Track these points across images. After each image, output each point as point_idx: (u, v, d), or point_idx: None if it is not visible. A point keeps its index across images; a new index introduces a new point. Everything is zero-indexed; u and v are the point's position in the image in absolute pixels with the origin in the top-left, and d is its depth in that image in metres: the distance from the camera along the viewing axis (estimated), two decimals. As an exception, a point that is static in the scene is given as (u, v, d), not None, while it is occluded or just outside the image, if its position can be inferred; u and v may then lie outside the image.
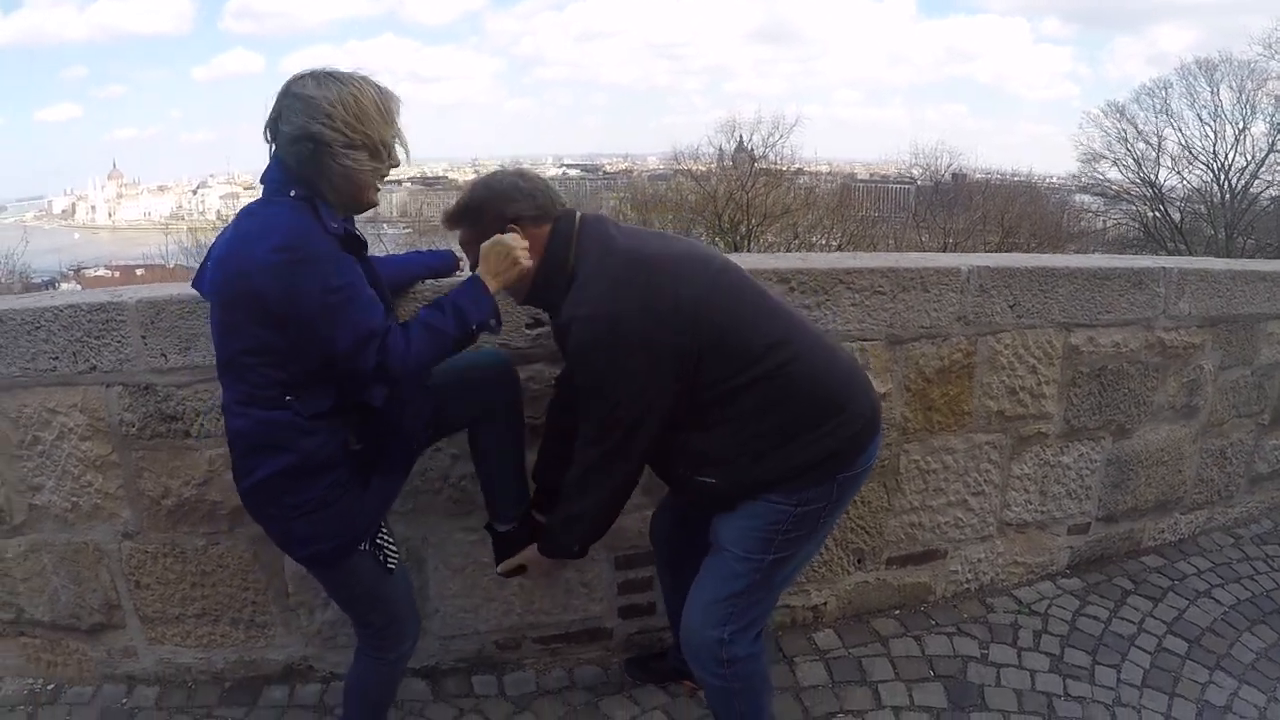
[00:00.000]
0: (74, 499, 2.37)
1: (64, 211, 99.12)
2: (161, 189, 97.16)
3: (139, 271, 35.68)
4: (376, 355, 1.60)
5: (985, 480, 2.87)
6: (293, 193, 1.62)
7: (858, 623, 2.82)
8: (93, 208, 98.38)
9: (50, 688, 2.53)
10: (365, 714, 2.09)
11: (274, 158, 1.66)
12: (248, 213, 1.69)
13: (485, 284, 1.72)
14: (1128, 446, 3.09)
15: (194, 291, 2.27)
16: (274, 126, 1.63)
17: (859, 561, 2.79)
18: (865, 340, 2.55)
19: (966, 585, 2.98)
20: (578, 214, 1.80)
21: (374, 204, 1.73)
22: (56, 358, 2.26)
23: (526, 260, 1.73)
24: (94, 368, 2.26)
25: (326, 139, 1.58)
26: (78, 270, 39.99)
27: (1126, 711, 2.48)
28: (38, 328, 2.24)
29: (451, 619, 2.51)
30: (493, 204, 1.76)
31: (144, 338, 2.24)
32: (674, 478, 1.85)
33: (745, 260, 2.56)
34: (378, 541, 1.86)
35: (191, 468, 2.33)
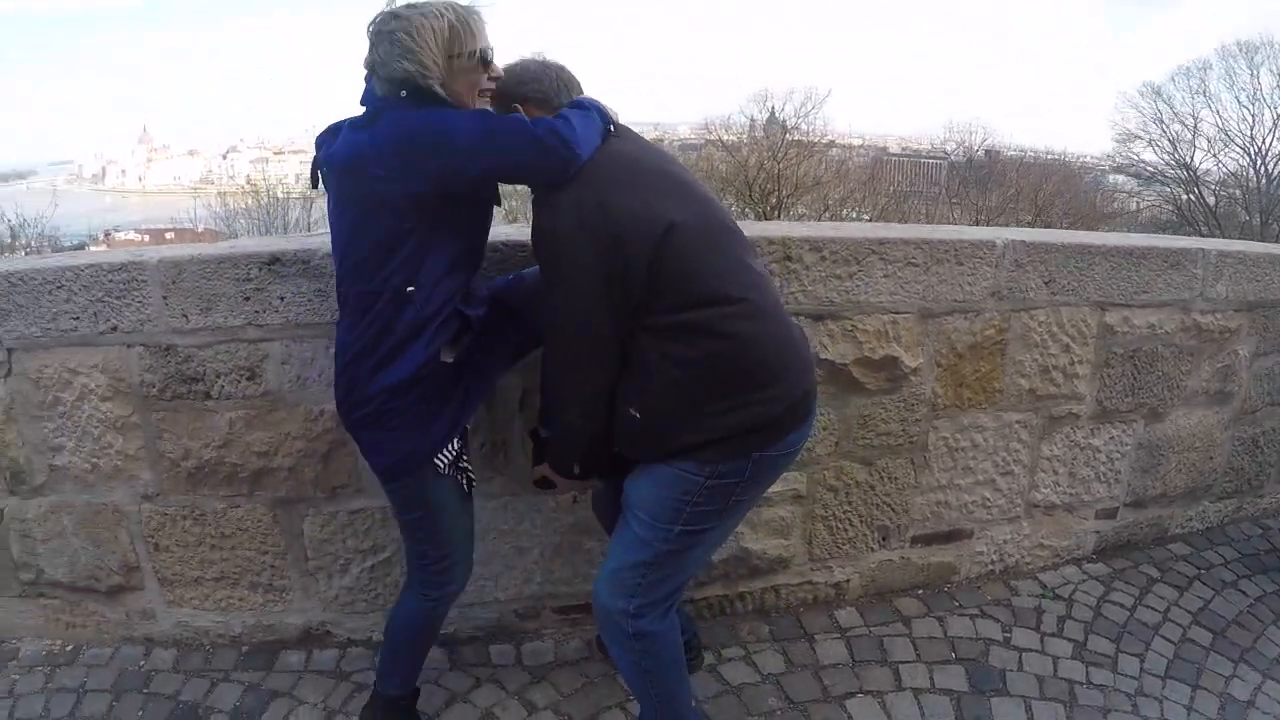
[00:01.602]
0: (94, 460, 2.36)
1: (94, 175, 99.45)
2: (192, 153, 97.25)
3: (168, 235, 35.29)
4: (551, 139, 1.66)
5: (1014, 460, 2.82)
6: (404, 93, 1.69)
7: (880, 601, 2.79)
8: (123, 171, 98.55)
9: (69, 649, 2.54)
10: (405, 652, 2.12)
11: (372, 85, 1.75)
12: (358, 124, 1.74)
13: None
14: (1159, 431, 3.03)
15: (215, 251, 2.27)
16: (375, 69, 1.71)
17: (884, 539, 2.75)
18: (897, 313, 2.50)
19: (991, 567, 2.94)
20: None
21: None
22: (78, 318, 2.25)
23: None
24: (115, 328, 2.25)
25: (425, 73, 1.67)
26: (107, 234, 39.91)
27: (1149, 702, 2.44)
28: (59, 287, 2.23)
29: (470, 586, 2.45)
30: (508, 81, 1.83)
31: (165, 298, 2.22)
32: (613, 409, 1.80)
33: (777, 227, 2.53)
34: (461, 465, 1.90)
35: (211, 430, 2.31)
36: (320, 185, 1.83)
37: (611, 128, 1.79)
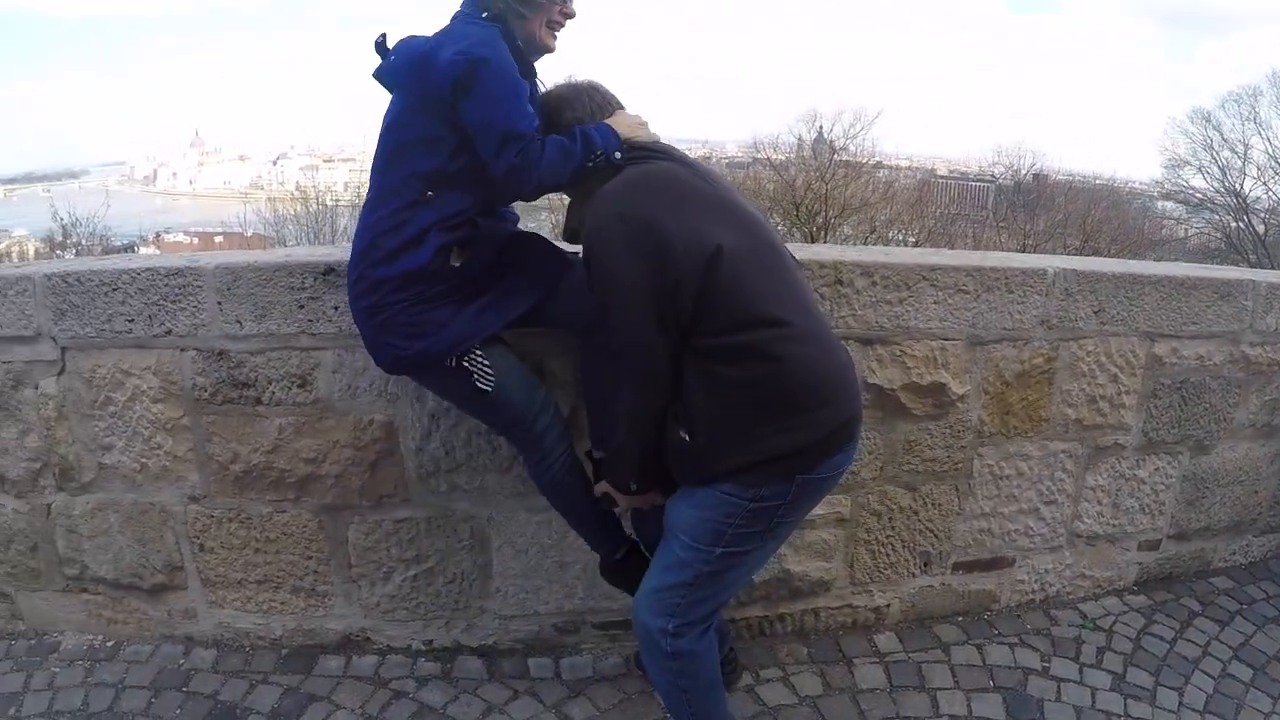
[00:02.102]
0: (143, 460, 2.39)
1: (146, 177, 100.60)
2: (242, 158, 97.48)
3: (218, 239, 36.07)
4: (516, 155, 1.77)
5: (1059, 489, 2.79)
6: (485, 15, 1.86)
7: (920, 627, 2.77)
8: (174, 174, 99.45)
9: (110, 644, 2.57)
10: (570, 518, 2.22)
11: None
12: (442, 32, 1.89)
13: (614, 128, 1.86)
14: (1205, 463, 2.99)
15: (271, 259, 2.30)
16: None
17: (925, 565, 2.73)
18: (946, 339, 2.48)
19: (1032, 596, 2.91)
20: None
21: (550, 48, 1.96)
22: (132, 320, 2.28)
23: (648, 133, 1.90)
24: (169, 331, 2.28)
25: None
26: (157, 235, 40.49)
27: (1186, 736, 2.41)
28: (115, 289, 2.27)
29: (512, 599, 2.50)
30: (546, 111, 1.91)
31: (220, 304, 2.25)
32: (665, 431, 1.80)
33: (828, 251, 2.52)
34: (465, 365, 1.93)
35: (261, 435, 2.34)
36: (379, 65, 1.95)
37: (618, 154, 1.81)
